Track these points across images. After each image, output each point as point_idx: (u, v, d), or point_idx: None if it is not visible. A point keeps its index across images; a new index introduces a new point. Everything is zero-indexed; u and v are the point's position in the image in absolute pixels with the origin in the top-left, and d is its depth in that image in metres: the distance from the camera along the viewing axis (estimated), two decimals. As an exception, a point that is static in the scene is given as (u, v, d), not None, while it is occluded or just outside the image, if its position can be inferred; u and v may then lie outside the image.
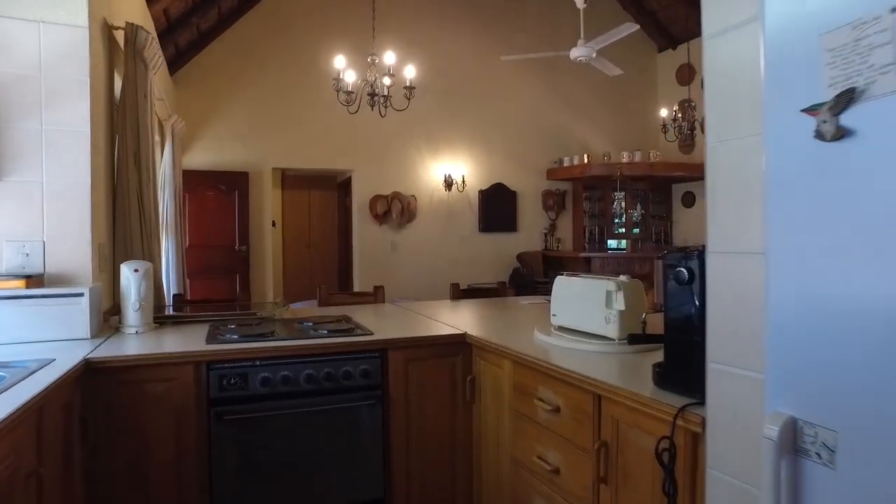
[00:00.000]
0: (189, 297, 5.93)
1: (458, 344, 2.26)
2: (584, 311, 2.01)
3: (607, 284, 1.91)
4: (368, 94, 4.04)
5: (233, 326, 2.32)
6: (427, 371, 2.22)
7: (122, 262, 2.31)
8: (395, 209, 6.93)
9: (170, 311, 2.81)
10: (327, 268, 7.95)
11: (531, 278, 7.15)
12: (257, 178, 6.42)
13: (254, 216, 6.37)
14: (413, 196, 7.10)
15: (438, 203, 7.27)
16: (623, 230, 8.24)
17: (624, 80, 8.30)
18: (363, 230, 6.94)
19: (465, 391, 2.25)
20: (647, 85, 8.51)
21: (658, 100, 8.53)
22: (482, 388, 2.20)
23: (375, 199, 6.93)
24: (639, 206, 8.29)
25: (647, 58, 8.50)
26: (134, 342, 2.09)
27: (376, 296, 3.38)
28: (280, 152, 6.56)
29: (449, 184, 7.22)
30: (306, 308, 3.46)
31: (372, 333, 2.23)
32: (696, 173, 7.29)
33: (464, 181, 7.28)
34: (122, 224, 2.58)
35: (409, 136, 7.09)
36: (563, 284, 2.14)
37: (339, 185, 7.92)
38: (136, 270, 2.24)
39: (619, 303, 1.86)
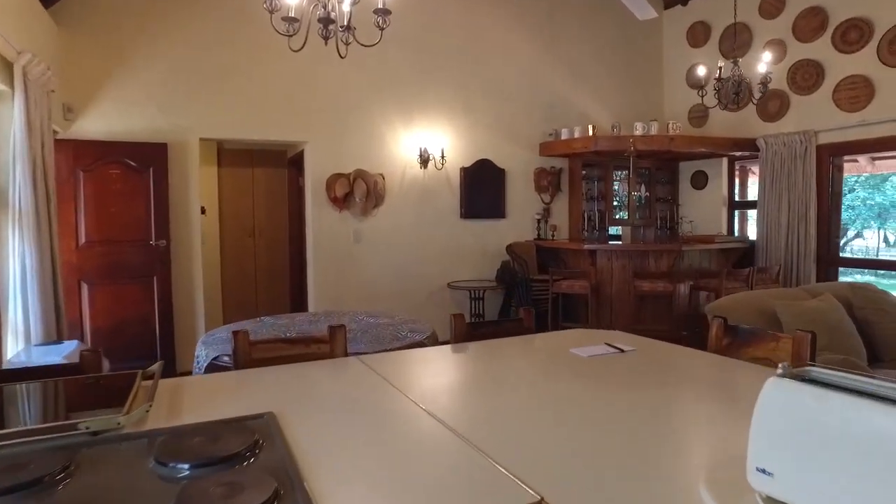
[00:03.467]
0: (80, 312, 4.54)
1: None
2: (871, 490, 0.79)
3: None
4: (320, 22, 2.69)
5: None
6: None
7: None
8: (359, 191, 5.60)
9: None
10: (277, 263, 6.60)
11: (524, 276, 5.96)
12: (180, 151, 4.98)
13: (177, 201, 4.96)
14: (381, 175, 5.79)
15: (412, 183, 5.97)
16: (626, 215, 7.12)
17: (627, 41, 7.11)
18: (319, 217, 5.61)
19: None
20: (651, 48, 7.32)
21: (664, 65, 7.35)
22: None
23: (334, 179, 5.59)
24: (643, 188, 7.16)
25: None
26: None
27: (333, 344, 2.10)
28: (211, 119, 5.14)
29: (425, 160, 5.92)
30: (197, 381, 2.17)
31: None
32: (715, 148, 6.17)
33: (443, 157, 5.99)
34: None
35: (375, 102, 5.74)
36: (804, 404, 0.91)
37: (291, 162, 6.53)
38: None
39: None
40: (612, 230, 7.20)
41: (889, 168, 7.28)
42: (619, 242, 6.78)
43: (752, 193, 7.30)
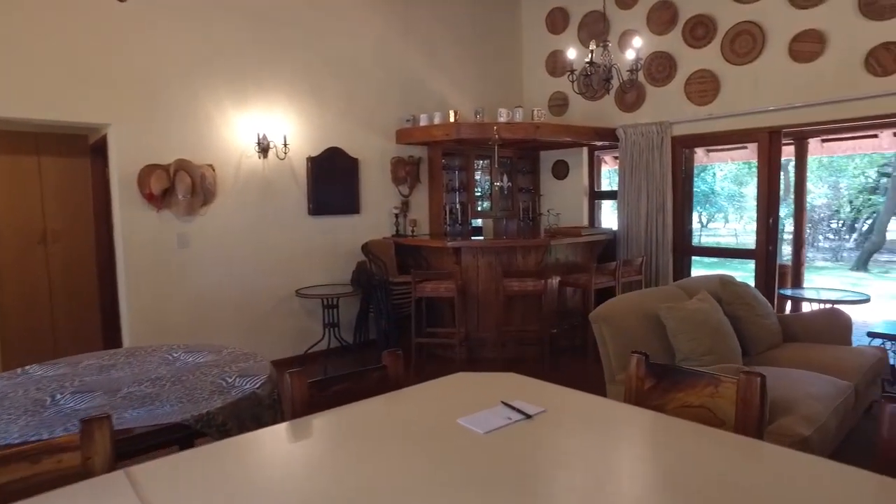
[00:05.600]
0: None
1: None
2: None
3: None
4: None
5: None
6: None
7: None
8: (182, 186, 4.60)
9: None
10: (81, 279, 5.27)
11: (382, 278, 5.34)
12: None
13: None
14: (209, 166, 4.81)
15: (249, 176, 5.06)
16: (488, 206, 6.78)
17: (485, 23, 6.72)
18: (132, 219, 4.52)
19: None
20: (510, 31, 7.01)
21: (523, 51, 7.09)
22: None
23: (149, 172, 4.52)
24: (505, 178, 6.87)
25: (510, 1, 6.97)
26: None
27: (88, 449, 1.31)
28: (-38, 91, 3.84)
29: (264, 148, 5.04)
30: None
31: None
32: (578, 137, 5.99)
33: (285, 144, 5.15)
34: None
35: (199, 77, 4.74)
36: None
37: (95, 149, 5.26)
38: None
39: None
40: (475, 222, 6.84)
41: (720, 159, 7.69)
42: (482, 238, 6.43)
43: (606, 184, 7.33)
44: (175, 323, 4.67)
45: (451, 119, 5.51)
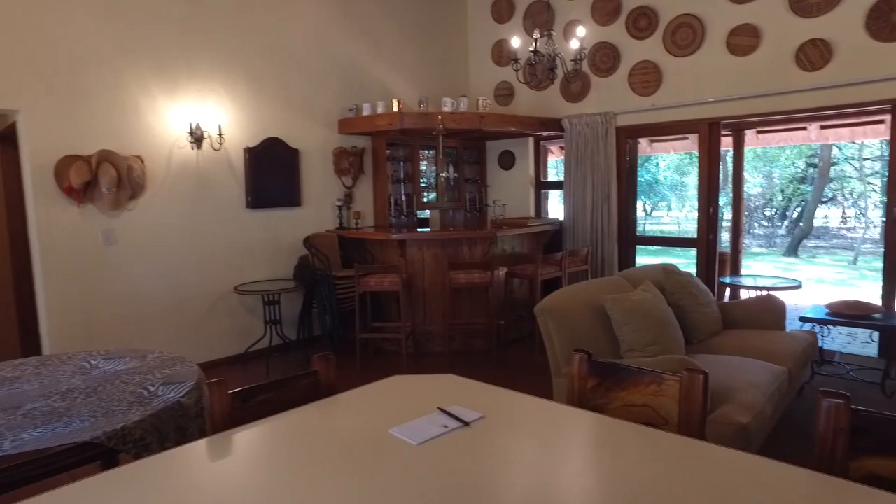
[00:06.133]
0: None
1: None
2: None
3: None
4: None
5: None
6: None
7: None
8: (106, 178, 4.30)
9: None
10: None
11: (325, 272, 5.18)
12: None
13: None
14: (138, 157, 4.52)
15: (182, 167, 4.79)
16: (434, 197, 6.67)
17: (431, 11, 6.60)
18: (49, 215, 4.20)
19: None
20: (455, 20, 6.90)
21: (469, 40, 6.99)
22: None
23: (67, 164, 4.20)
24: (451, 169, 6.78)
25: (454, -15, 6.84)
26: None
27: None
28: None
29: (198, 138, 4.78)
30: None
31: None
32: (523, 128, 5.95)
33: (220, 134, 4.89)
34: None
35: (125, 61, 4.43)
36: None
37: (4, 138, 4.85)
38: None
39: None
40: (422, 214, 6.73)
41: (663, 149, 7.83)
42: (429, 229, 6.33)
43: (553, 174, 7.36)
44: (102, 327, 4.38)
45: (395, 108, 5.37)
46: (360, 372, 4.77)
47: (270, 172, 5.26)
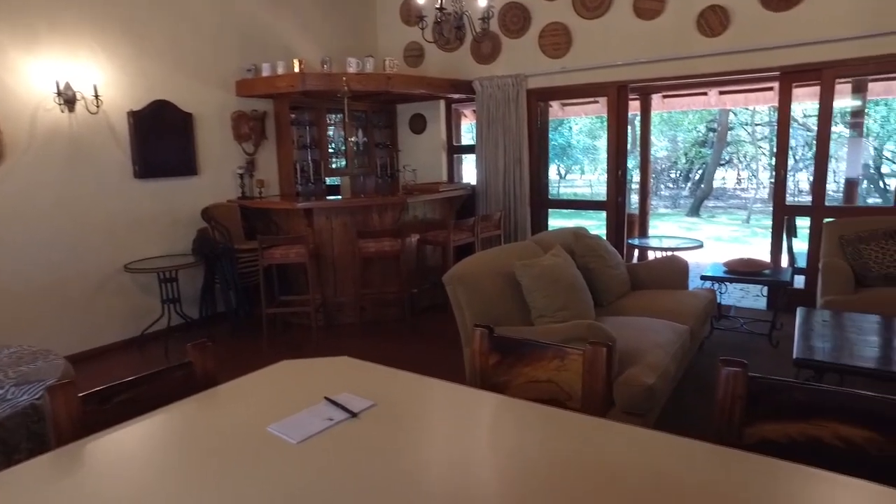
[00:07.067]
0: None
1: None
2: None
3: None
4: None
5: None
6: None
7: None
8: (-43, 146, 3.74)
9: None
10: None
11: (227, 245, 4.85)
12: None
13: None
14: (-5, 121, 3.97)
15: (51, 132, 4.26)
16: (344, 163, 6.39)
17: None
18: None
19: None
20: (359, -27, 6.53)
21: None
22: None
23: None
24: (360, 133, 6.51)
25: (358, -65, 6.45)
26: None
27: None
28: None
29: (69, 100, 4.25)
30: None
31: None
32: (433, 90, 5.76)
33: (97, 96, 4.38)
34: None
35: (-31, 9, 3.83)
36: None
37: None
38: None
39: None
40: (330, 181, 6.43)
41: (574, 113, 7.90)
42: (339, 197, 6.07)
43: (469, 138, 7.25)
44: (-36, 312, 3.88)
45: (297, 69, 5.02)
46: (266, 349, 4.53)
47: (160, 139, 4.80)
